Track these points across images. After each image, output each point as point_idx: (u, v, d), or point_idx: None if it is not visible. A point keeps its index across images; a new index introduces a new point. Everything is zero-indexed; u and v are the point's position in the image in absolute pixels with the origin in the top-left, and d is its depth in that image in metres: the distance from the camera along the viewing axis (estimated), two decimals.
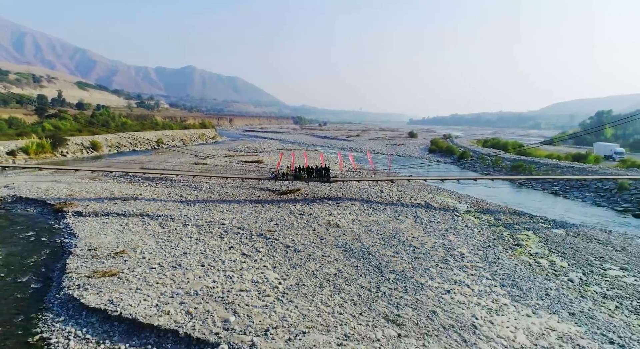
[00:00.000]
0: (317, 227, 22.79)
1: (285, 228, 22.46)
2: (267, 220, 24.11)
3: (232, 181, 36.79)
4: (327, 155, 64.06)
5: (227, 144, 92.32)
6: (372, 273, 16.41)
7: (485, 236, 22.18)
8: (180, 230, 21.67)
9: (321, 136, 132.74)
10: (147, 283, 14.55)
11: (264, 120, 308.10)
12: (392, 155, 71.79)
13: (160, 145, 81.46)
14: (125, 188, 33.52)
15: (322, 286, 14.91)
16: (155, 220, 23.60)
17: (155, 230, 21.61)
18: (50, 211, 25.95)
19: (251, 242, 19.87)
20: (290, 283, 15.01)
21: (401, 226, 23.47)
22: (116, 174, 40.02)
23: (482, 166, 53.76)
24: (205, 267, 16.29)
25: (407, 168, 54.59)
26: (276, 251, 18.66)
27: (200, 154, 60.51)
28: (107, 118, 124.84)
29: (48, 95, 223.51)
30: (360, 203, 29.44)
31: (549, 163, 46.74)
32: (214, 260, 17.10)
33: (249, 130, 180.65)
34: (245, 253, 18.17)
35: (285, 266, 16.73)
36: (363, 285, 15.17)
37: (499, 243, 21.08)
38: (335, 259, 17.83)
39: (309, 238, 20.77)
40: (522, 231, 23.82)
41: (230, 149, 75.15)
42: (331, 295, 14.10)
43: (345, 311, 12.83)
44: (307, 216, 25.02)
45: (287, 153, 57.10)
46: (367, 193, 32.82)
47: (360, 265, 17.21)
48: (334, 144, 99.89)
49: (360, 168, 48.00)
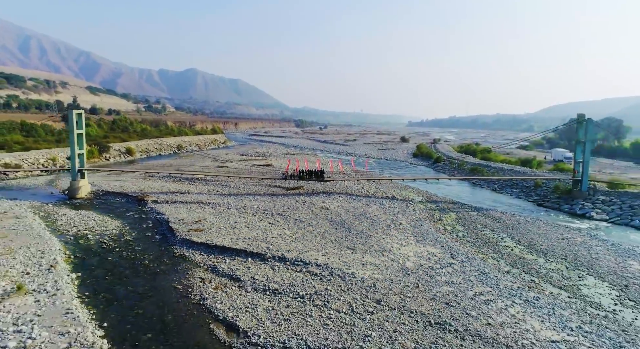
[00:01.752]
0: (314, 210, 35.14)
1: (293, 210, 34.81)
2: (281, 205, 36.48)
3: (251, 180, 49.24)
4: (324, 160, 76.50)
5: (237, 149, 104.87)
6: (344, 231, 28.76)
7: (422, 215, 34.54)
8: (226, 211, 34.07)
9: (321, 140, 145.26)
10: (221, 233, 27.01)
11: (267, 124, 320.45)
12: (372, 159, 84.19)
13: (181, 150, 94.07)
14: (175, 186, 45.98)
15: (315, 236, 27.28)
16: (208, 205, 36.01)
17: (211, 211, 34.03)
18: (134, 200, 38.41)
19: (273, 217, 32.24)
20: (298, 235, 27.39)
21: (369, 209, 35.85)
22: (161, 175, 52.52)
23: (450, 168, 66.21)
24: (250, 228, 28.72)
25: (389, 170, 67.15)
26: (289, 222, 31.03)
27: (220, 159, 73.09)
28: (126, 124, 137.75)
29: (64, 101, 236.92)
30: (345, 195, 41.84)
31: (497, 167, 59.15)
32: (253, 225, 29.51)
33: (254, 134, 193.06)
34: (271, 223, 30.57)
35: (295, 228, 29.10)
36: (338, 236, 27.53)
37: (428, 219, 33.46)
38: (323, 225, 30.18)
39: (309, 215, 33.13)
40: (449, 212, 36.18)
41: (242, 154, 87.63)
42: (320, 240, 26.48)
43: (327, 246, 25.21)
44: (307, 204, 37.38)
45: (292, 158, 69.64)
46: (351, 189, 45.24)
47: (339, 228, 29.56)
48: (332, 148, 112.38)
49: (348, 171, 60.46)
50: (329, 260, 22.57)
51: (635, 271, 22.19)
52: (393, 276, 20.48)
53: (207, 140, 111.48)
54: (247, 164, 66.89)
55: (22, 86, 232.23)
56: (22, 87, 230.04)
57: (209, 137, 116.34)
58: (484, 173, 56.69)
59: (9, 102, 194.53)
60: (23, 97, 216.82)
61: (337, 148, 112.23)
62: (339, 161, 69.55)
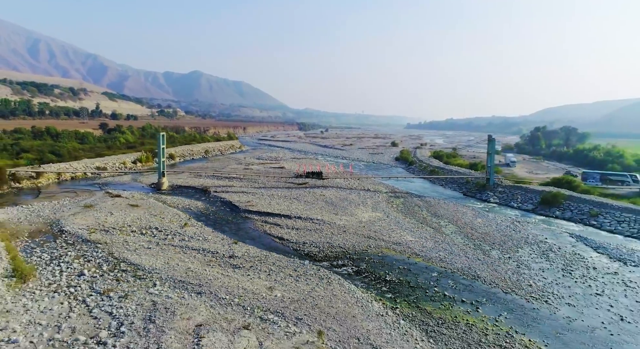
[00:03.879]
0: (315, 196, 56.74)
1: (302, 196, 56.42)
2: (295, 194, 58.09)
3: (273, 178, 70.91)
4: (323, 163, 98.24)
5: (251, 153, 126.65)
6: (332, 206, 50.31)
7: (381, 199, 56.08)
8: (262, 196, 55.71)
9: (322, 145, 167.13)
10: (264, 206, 48.77)
11: (271, 127, 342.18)
12: (362, 162, 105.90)
13: (208, 154, 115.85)
14: (220, 182, 67.65)
15: (316, 208, 48.92)
16: (249, 194, 57.67)
17: (252, 196, 55.68)
18: (200, 191, 60.12)
19: (290, 200, 53.85)
20: (306, 208, 49.06)
21: (349, 196, 57.46)
22: (206, 174, 74.22)
23: (418, 170, 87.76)
24: (278, 204, 50.44)
25: (373, 171, 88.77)
26: (300, 202, 52.63)
27: (243, 162, 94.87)
28: (153, 131, 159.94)
29: (87, 107, 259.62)
30: (336, 188, 63.45)
31: (449, 169, 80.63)
32: (280, 203, 51.20)
33: (262, 138, 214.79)
34: (290, 202, 52.23)
35: (305, 206, 50.72)
36: (328, 208, 49.13)
37: (384, 201, 54.99)
38: (321, 203, 51.79)
39: (312, 199, 54.73)
40: (400, 198, 57.72)
41: (258, 158, 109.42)
42: (318, 210, 48.11)
43: (322, 212, 46.87)
44: (311, 193, 58.98)
45: (298, 161, 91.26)
46: (340, 184, 66.87)
47: (330, 205, 51.14)
48: (331, 153, 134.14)
49: (340, 171, 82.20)
50: (323, 217, 44.24)
51: (475, 223, 43.76)
52: (354, 224, 42.13)
53: (227, 146, 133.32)
54: (265, 166, 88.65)
55: (51, 94, 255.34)
56: (50, 95, 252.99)
57: (227, 143, 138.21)
58: (438, 174, 78.25)
59: (43, 110, 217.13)
60: (52, 105, 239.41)
61: (335, 153, 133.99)
62: (333, 165, 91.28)
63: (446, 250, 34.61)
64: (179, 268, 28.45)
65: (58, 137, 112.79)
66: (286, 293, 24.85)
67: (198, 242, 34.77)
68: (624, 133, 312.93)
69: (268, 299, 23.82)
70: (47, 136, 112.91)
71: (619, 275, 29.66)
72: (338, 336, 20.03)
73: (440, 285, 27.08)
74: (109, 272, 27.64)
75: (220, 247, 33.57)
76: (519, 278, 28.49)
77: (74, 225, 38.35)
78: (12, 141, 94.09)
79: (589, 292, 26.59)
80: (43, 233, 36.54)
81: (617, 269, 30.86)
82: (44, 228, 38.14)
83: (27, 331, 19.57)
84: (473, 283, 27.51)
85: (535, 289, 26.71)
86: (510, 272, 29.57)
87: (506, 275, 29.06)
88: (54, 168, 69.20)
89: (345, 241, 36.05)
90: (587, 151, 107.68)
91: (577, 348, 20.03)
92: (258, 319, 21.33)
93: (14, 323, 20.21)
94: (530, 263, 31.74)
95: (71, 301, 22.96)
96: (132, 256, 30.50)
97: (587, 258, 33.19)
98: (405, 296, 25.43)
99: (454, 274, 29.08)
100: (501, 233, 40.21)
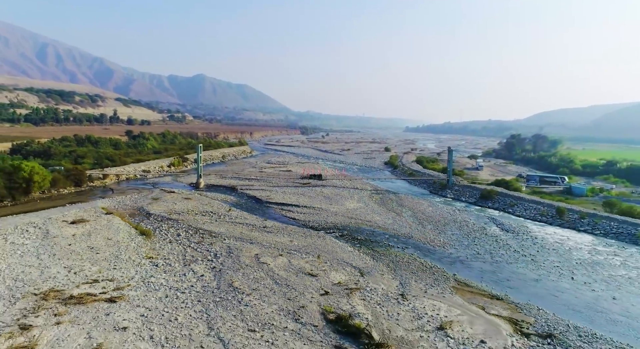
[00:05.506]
0: (316, 192, 76.28)
1: (306, 192, 75.95)
2: (301, 191, 77.64)
3: (283, 179, 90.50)
4: (323, 166, 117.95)
5: (261, 157, 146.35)
6: (329, 199, 69.84)
7: (365, 195, 75.60)
8: (278, 194, 75.31)
9: (322, 150, 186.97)
10: (280, 199, 68.42)
11: (275, 131, 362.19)
12: (356, 166, 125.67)
13: (225, 159, 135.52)
14: (242, 182, 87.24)
15: (316, 200, 68.49)
16: (267, 191, 77.28)
17: (271, 193, 75.31)
18: (229, 189, 79.80)
19: (298, 195, 73.43)
20: (309, 200, 68.64)
21: (342, 193, 77.02)
22: (229, 176, 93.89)
23: (400, 173, 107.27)
24: (290, 198, 70.07)
25: (363, 173, 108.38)
26: (305, 196, 72.20)
27: (257, 166, 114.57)
28: (172, 137, 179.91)
29: (105, 113, 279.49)
30: (332, 187, 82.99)
31: (424, 172, 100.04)
32: (291, 197, 70.83)
33: (269, 143, 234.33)
34: (297, 196, 71.84)
35: (309, 199, 70.28)
36: (325, 200, 68.71)
37: (367, 196, 74.52)
38: (320, 197, 71.35)
39: (314, 194, 74.28)
40: (380, 194, 77.24)
41: (268, 162, 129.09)
42: (318, 201, 67.67)
43: (321, 203, 66.46)
44: (313, 190, 78.52)
45: (303, 165, 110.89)
46: (336, 184, 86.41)
47: (326, 198, 70.68)
48: (330, 157, 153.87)
49: (337, 174, 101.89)
50: (321, 206, 63.82)
51: (426, 211, 63.25)
52: (342, 210, 61.66)
53: (239, 151, 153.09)
54: (275, 169, 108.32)
55: (72, 101, 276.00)
56: (72, 102, 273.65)
57: (239, 149, 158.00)
58: (414, 176, 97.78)
59: (68, 117, 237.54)
60: (74, 111, 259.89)
61: (333, 157, 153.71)
62: (331, 169, 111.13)
63: (399, 224, 54.14)
64: (235, 232, 48.07)
65: (97, 144, 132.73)
66: (299, 243, 44.43)
67: (240, 220, 54.36)
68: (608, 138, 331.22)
69: (290, 245, 43.42)
70: (88, 143, 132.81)
71: (498, 237, 49.11)
72: (328, 258, 39.56)
73: (388, 240, 46.59)
74: (194, 234, 47.21)
75: (255, 222, 53.18)
76: (435, 238, 48.04)
77: (155, 210, 58.01)
78: (64, 148, 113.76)
79: (471, 244, 46.05)
80: (137, 215, 56.14)
81: (499, 234, 50.33)
82: (136, 212, 57.76)
83: (170, 256, 39.17)
84: (407, 240, 47.04)
85: (441, 243, 46.24)
86: (431, 235, 49.10)
87: (428, 236, 48.59)
88: (113, 171, 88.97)
89: (335, 220, 55.60)
90: (547, 157, 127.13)
91: (448, 266, 39.39)
92: (286, 252, 40.91)
93: (162, 253, 39.89)
94: (447, 231, 51.26)
95: (183, 247, 42.55)
96: (203, 226, 50.11)
97: (487, 230, 52.63)
98: (366, 245, 44.98)
99: (398, 236, 48.60)
100: (441, 216, 59.72)
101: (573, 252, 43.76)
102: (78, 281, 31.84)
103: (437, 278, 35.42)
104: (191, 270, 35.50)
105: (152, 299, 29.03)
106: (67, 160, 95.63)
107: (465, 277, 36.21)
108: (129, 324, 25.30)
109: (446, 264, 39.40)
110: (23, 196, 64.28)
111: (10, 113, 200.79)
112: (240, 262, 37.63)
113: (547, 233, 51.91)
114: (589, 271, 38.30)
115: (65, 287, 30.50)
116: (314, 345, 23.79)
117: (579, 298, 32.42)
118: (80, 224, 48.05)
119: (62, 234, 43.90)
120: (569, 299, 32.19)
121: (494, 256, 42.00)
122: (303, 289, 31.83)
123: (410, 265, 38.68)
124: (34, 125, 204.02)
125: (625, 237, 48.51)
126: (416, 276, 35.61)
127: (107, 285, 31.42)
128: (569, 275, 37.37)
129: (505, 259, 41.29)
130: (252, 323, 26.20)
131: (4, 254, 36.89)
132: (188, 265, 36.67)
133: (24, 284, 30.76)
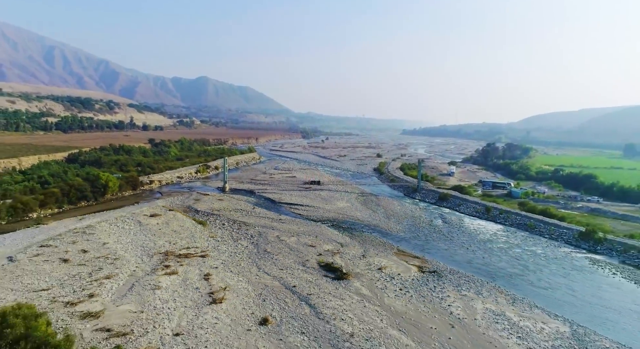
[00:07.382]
0: (316, 195, 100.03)
1: (308, 195, 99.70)
2: (304, 193, 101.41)
3: (291, 183, 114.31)
4: (321, 173, 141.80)
5: (269, 164, 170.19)
6: (324, 200, 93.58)
7: (353, 197, 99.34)
8: (286, 196, 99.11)
9: (321, 156, 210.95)
10: (288, 199, 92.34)
11: (278, 135, 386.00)
12: (349, 172, 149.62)
13: (238, 165, 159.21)
14: (257, 186, 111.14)
15: (315, 201, 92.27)
16: (278, 193, 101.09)
17: (281, 195, 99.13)
18: (248, 192, 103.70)
19: (301, 196, 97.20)
20: (310, 200, 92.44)
21: (334, 195, 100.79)
22: (246, 181, 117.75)
23: (384, 178, 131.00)
24: (296, 198, 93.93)
25: (354, 179, 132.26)
26: (307, 197, 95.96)
27: (266, 172, 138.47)
28: (189, 145, 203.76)
29: (122, 120, 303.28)
30: (328, 190, 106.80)
31: (403, 178, 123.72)
32: (297, 198, 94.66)
33: (273, 149, 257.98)
34: (301, 197, 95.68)
35: (310, 200, 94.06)
36: (322, 201, 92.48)
37: (354, 198, 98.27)
38: (318, 198, 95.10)
39: (313, 195, 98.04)
40: (364, 196, 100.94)
41: (275, 168, 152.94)
42: (317, 202, 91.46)
43: (318, 203, 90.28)
44: (313, 193, 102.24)
45: (305, 172, 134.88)
46: (331, 188, 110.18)
47: (323, 199, 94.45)
48: (328, 163, 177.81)
49: (332, 179, 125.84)
50: (319, 205, 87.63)
51: (395, 209, 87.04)
52: (334, 208, 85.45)
53: (250, 158, 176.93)
54: (282, 175, 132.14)
55: (92, 109, 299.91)
56: (92, 110, 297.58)
57: (250, 155, 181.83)
58: (394, 181, 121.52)
59: (91, 124, 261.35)
60: (95, 119, 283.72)
61: (331, 164, 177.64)
62: (328, 175, 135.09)
63: (372, 218, 77.88)
64: (260, 222, 71.83)
65: (130, 152, 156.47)
66: (304, 229, 68.23)
67: (263, 215, 78.09)
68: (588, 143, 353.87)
69: (298, 230, 67.28)
70: (122, 152, 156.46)
71: (437, 226, 72.76)
72: (322, 238, 63.37)
73: (362, 228, 70.28)
74: (233, 224, 70.93)
75: (273, 216, 76.93)
76: (394, 226, 71.80)
77: (200, 208, 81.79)
78: (107, 157, 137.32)
79: (416, 230, 69.70)
80: (188, 211, 79.86)
81: (439, 224, 73.97)
82: (187, 209, 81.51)
83: (224, 236, 62.99)
84: (375, 228, 70.80)
85: (396, 230, 69.96)
86: (392, 225, 72.82)
87: (389, 226, 72.32)
88: (156, 177, 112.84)
89: (329, 215, 79.29)
90: (511, 164, 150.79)
91: (395, 242, 62.96)
92: (295, 234, 64.72)
93: (218, 234, 63.80)
94: (404, 222, 74.97)
95: (229, 231, 66.30)
96: (238, 219, 73.85)
97: (433, 222, 76.26)
98: (347, 230, 68.70)
99: (369, 225, 72.32)
100: (403, 213, 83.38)
101: (479, 235, 67.64)
102: (178, 248, 55.68)
103: (386, 248, 59.26)
104: (239, 243, 59.34)
105: (224, 256, 52.86)
106: (114, 168, 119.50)
107: (404, 248, 59.99)
108: (218, 265, 49.16)
109: (395, 241, 63.24)
110: (101, 198, 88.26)
111: (42, 122, 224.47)
112: (268, 239, 61.49)
113: (472, 223, 75.77)
114: (480, 245, 62.17)
115: (174, 250, 54.35)
116: (313, 275, 47.56)
117: (463, 257, 56.29)
118: (157, 217, 71.88)
119: (149, 223, 67.75)
120: (457, 258, 56.01)
121: (427, 237, 65.88)
122: (307, 253, 55.61)
123: (373, 241, 62.51)
124: (63, 132, 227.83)
125: (521, 226, 72.31)
126: (374, 247, 59.40)
127: (195, 250, 55.23)
128: (467, 246, 61.24)
129: (433, 238, 65.22)
130: (280, 266, 50.02)
131: (123, 234, 60.73)
132: (236, 241, 60.52)
133: (149, 249, 54.57)
